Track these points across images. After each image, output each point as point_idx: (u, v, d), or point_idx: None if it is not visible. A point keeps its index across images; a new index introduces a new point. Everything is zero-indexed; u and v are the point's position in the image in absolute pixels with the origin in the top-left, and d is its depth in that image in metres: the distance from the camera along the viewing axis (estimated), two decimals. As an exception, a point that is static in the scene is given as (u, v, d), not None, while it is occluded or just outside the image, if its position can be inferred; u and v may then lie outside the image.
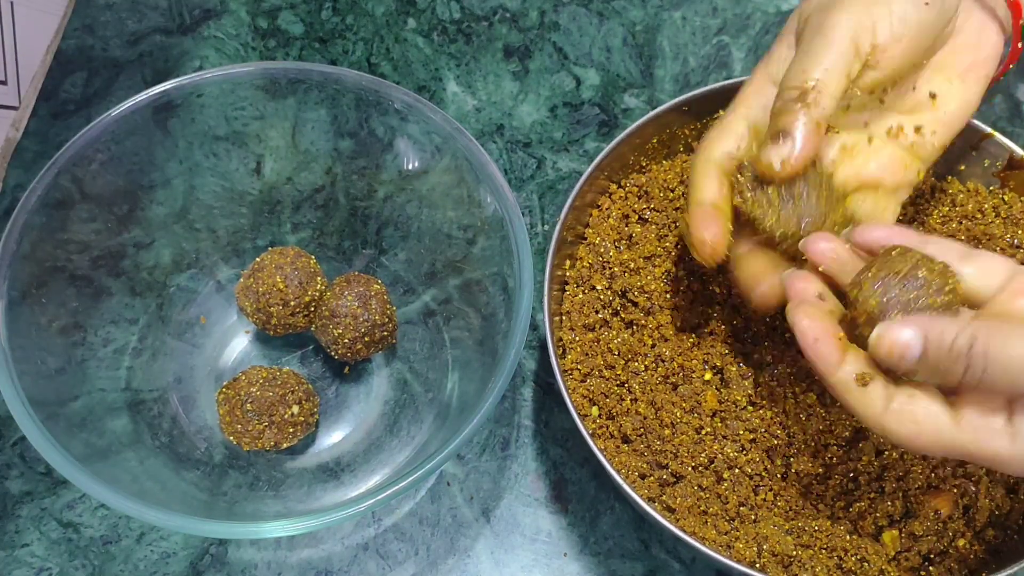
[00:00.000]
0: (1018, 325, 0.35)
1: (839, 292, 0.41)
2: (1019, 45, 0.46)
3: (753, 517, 0.47)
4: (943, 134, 0.46)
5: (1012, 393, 0.35)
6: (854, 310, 0.39)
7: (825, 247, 0.41)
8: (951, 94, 0.45)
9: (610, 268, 0.52)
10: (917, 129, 0.45)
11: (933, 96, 0.45)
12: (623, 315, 0.51)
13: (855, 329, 0.39)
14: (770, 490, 0.48)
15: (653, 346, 0.50)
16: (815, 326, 0.39)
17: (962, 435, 0.36)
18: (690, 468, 0.48)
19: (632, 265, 0.52)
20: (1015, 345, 0.34)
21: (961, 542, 0.46)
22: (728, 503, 0.47)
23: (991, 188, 0.53)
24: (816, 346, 0.38)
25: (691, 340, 0.51)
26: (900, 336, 0.36)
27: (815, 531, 0.46)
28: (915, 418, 0.37)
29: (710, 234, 0.42)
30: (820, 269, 0.41)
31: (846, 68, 0.41)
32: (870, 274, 0.38)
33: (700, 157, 0.44)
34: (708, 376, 0.50)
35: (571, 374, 0.50)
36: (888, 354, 0.36)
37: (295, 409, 0.50)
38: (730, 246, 0.43)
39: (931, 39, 0.43)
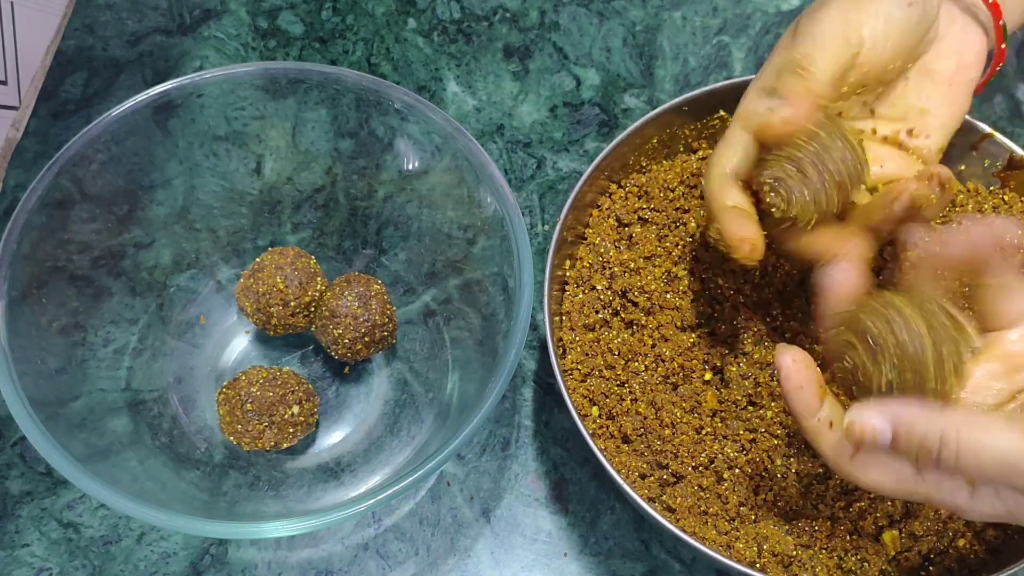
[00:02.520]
0: (989, 418, 0.35)
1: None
2: (1002, 47, 0.47)
3: (753, 517, 0.47)
4: (937, 138, 0.46)
5: (979, 477, 0.36)
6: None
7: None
8: (940, 99, 0.46)
9: (610, 268, 0.52)
10: (910, 132, 0.46)
11: (924, 110, 0.46)
12: (623, 315, 0.51)
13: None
14: (770, 490, 0.48)
15: (653, 346, 0.50)
16: (801, 374, 0.40)
17: (924, 486, 0.38)
18: (690, 468, 0.48)
19: (632, 265, 0.52)
20: (987, 439, 0.35)
21: (961, 542, 0.46)
22: (728, 503, 0.47)
23: (991, 188, 0.53)
24: (799, 393, 0.40)
25: (691, 340, 0.50)
26: (869, 424, 0.37)
27: (815, 531, 0.46)
28: (879, 466, 0.38)
29: (748, 231, 0.42)
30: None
31: (838, 53, 0.42)
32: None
33: (713, 173, 0.44)
34: (708, 376, 0.50)
35: (571, 374, 0.50)
36: (859, 439, 0.37)
37: (295, 409, 0.50)
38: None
39: (915, 39, 0.44)
